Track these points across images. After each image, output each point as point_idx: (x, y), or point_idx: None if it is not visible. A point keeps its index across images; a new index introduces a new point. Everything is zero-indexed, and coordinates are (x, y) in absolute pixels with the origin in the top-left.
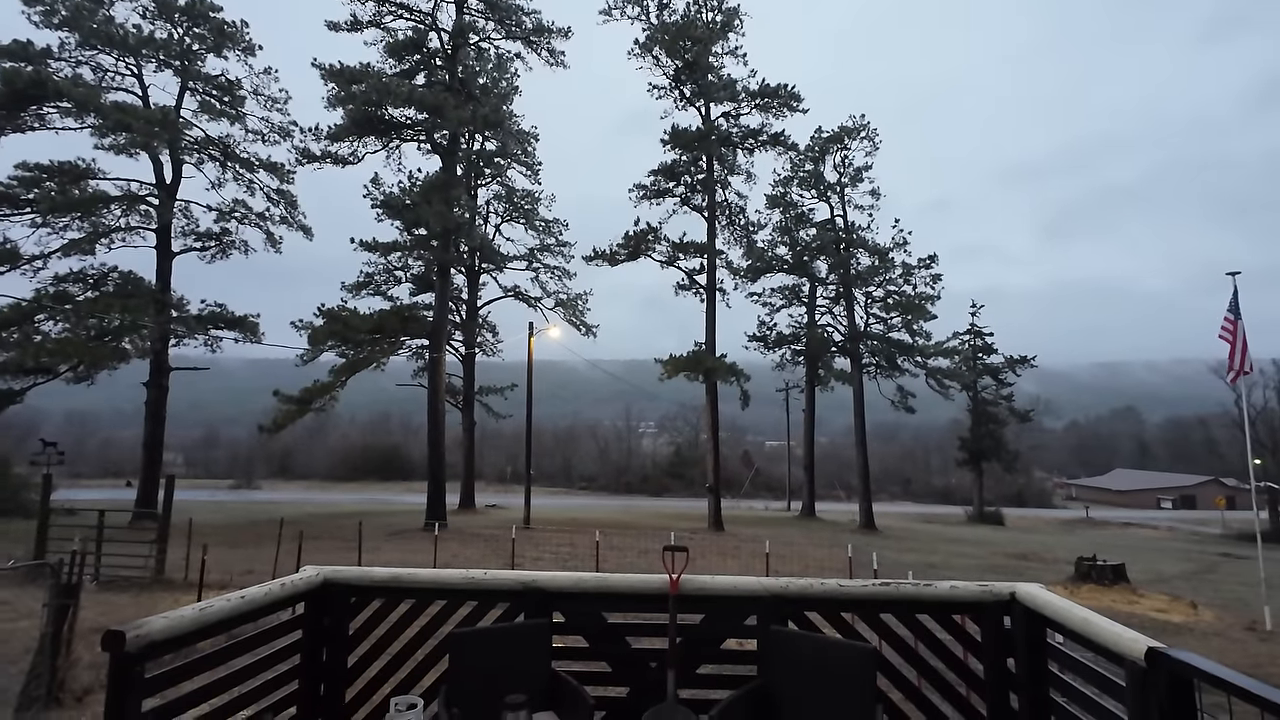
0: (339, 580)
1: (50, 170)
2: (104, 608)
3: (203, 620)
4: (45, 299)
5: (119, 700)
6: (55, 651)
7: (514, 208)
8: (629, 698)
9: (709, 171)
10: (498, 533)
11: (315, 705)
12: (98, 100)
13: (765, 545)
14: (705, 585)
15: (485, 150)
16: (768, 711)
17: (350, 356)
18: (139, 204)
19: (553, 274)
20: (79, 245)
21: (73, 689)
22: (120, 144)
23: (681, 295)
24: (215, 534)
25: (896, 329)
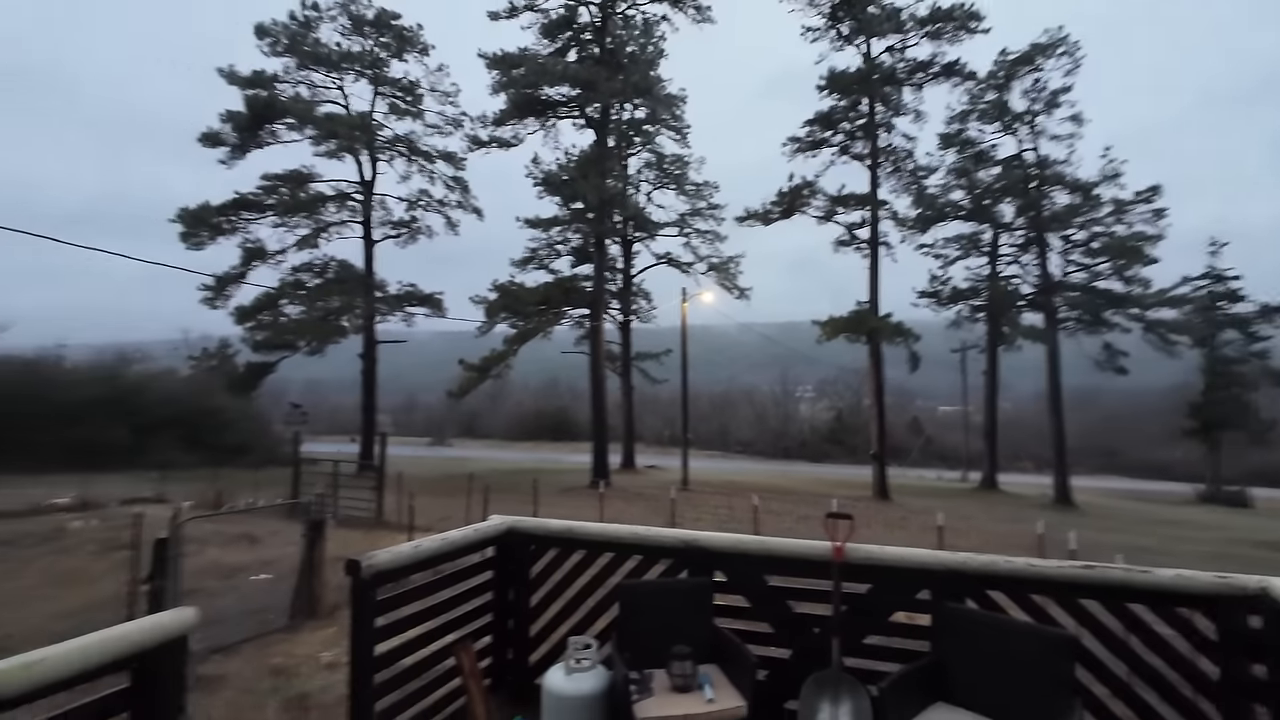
0: (521, 529)
1: (283, 178)
2: (342, 541)
3: (416, 556)
4: (286, 287)
5: (359, 615)
6: (310, 573)
7: (664, 174)
8: (791, 660)
9: (871, 115)
10: (657, 493)
11: (505, 636)
12: (312, 113)
13: (938, 517)
14: (873, 555)
15: (635, 119)
16: (942, 690)
17: (520, 327)
18: (347, 201)
19: (704, 238)
20: (307, 240)
21: (325, 604)
22: (331, 150)
23: (841, 252)
24: (418, 484)
25: (1104, 276)
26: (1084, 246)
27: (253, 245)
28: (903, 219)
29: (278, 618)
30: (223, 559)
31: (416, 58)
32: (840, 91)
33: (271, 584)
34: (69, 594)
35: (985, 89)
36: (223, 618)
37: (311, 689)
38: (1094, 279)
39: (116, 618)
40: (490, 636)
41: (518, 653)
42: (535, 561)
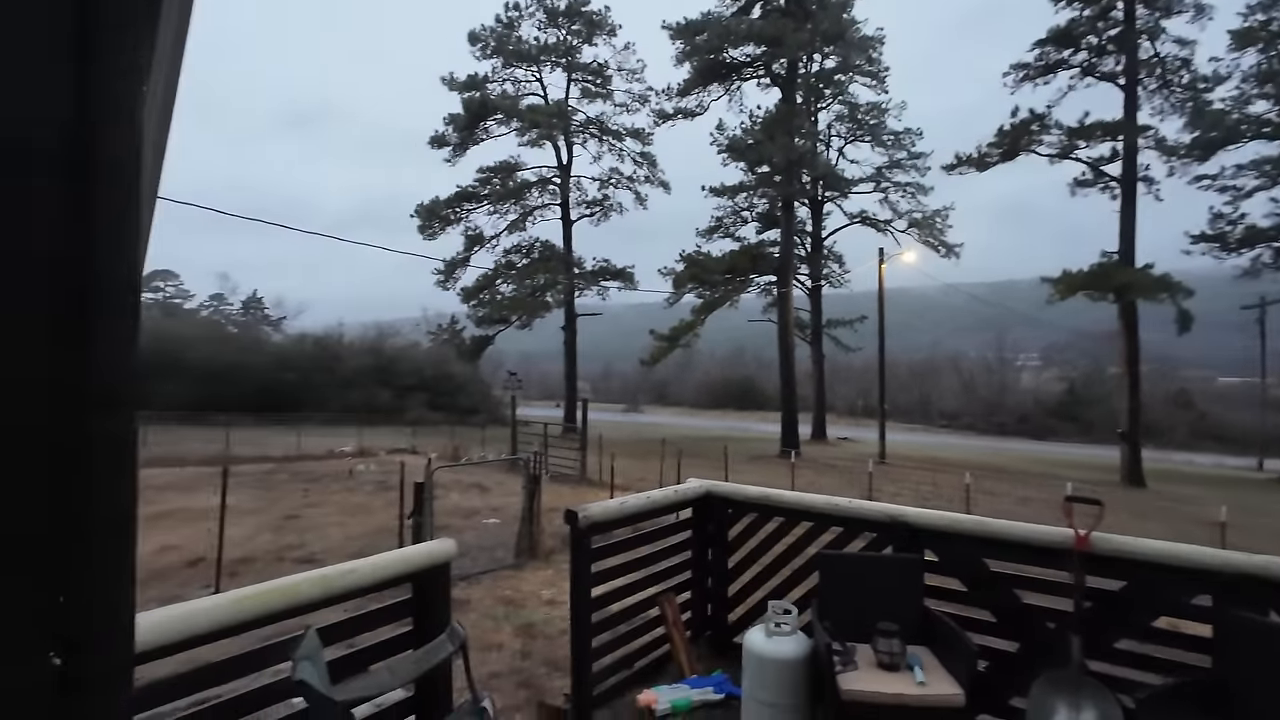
0: (718, 493)
1: (494, 170)
2: (553, 495)
3: (623, 511)
4: (500, 268)
5: (578, 559)
6: (531, 520)
7: (858, 125)
8: (1019, 654)
9: (1128, 20)
10: (851, 465)
11: (704, 594)
12: (517, 107)
13: (1219, 511)
14: (1128, 547)
15: (825, 70)
16: (1222, 712)
17: (707, 296)
18: (548, 185)
19: (904, 192)
20: (516, 224)
21: (542, 548)
22: (533, 139)
23: (1080, 195)
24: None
25: None
26: None
27: (473, 232)
28: (1172, 146)
29: (505, 556)
30: (461, 503)
31: (605, 39)
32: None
33: (499, 527)
34: (355, 522)
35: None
36: (464, 552)
37: (536, 620)
38: None
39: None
40: (690, 592)
41: (716, 610)
42: (732, 525)
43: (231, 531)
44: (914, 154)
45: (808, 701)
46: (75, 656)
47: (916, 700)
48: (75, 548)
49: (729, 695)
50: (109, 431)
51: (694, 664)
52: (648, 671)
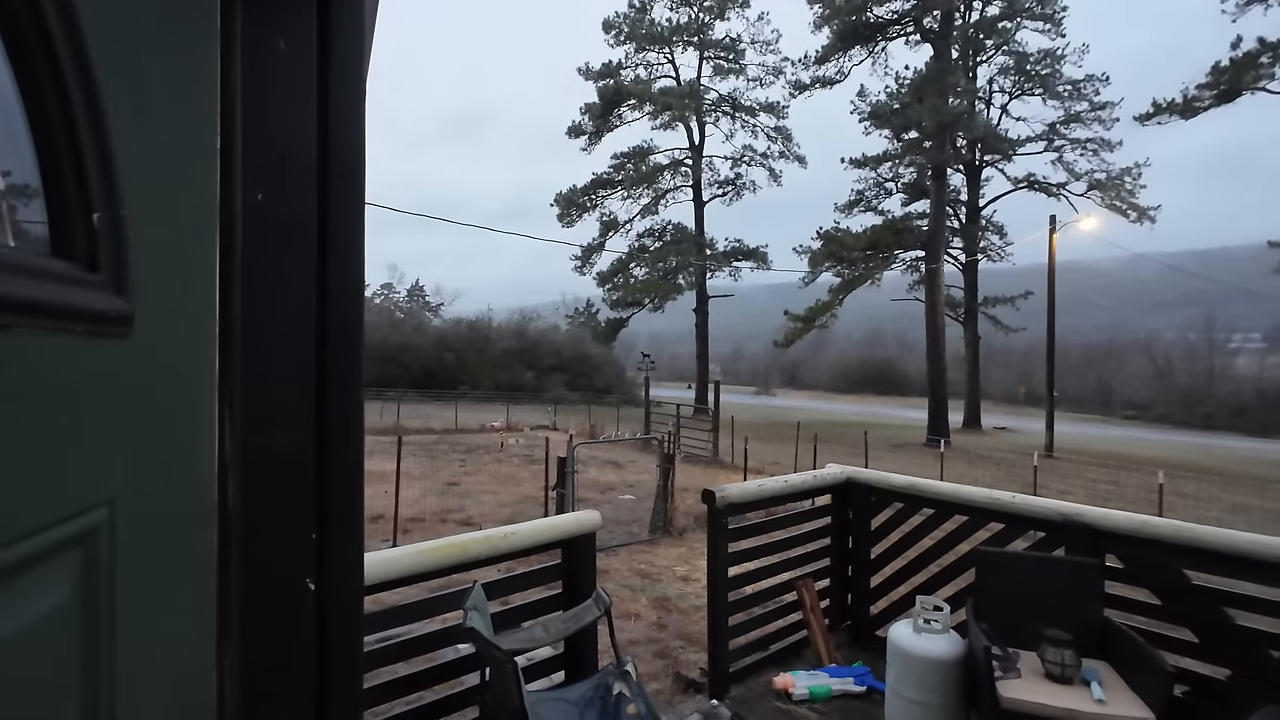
0: (860, 480)
1: (628, 155)
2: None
3: (760, 494)
4: (634, 252)
5: (715, 539)
6: (665, 498)
7: (1027, 77)
8: (1229, 682)
9: None
10: (1011, 458)
11: (845, 583)
12: (649, 91)
13: None
14: None
15: (986, 18)
16: None
17: (846, 275)
18: (680, 168)
19: (1083, 149)
20: (649, 208)
21: (676, 526)
22: (665, 121)
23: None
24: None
25: None
26: None
27: (607, 218)
28: None
29: (640, 531)
30: (599, 478)
31: (738, 12)
32: None
33: (634, 503)
34: (505, 490)
35: None
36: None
37: (671, 594)
38: None
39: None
40: (828, 580)
41: (857, 601)
42: (875, 514)
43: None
44: (1096, 105)
45: (960, 704)
46: (324, 581)
47: (1092, 718)
48: (323, 497)
49: (870, 688)
50: (345, 407)
51: (832, 653)
52: (783, 655)
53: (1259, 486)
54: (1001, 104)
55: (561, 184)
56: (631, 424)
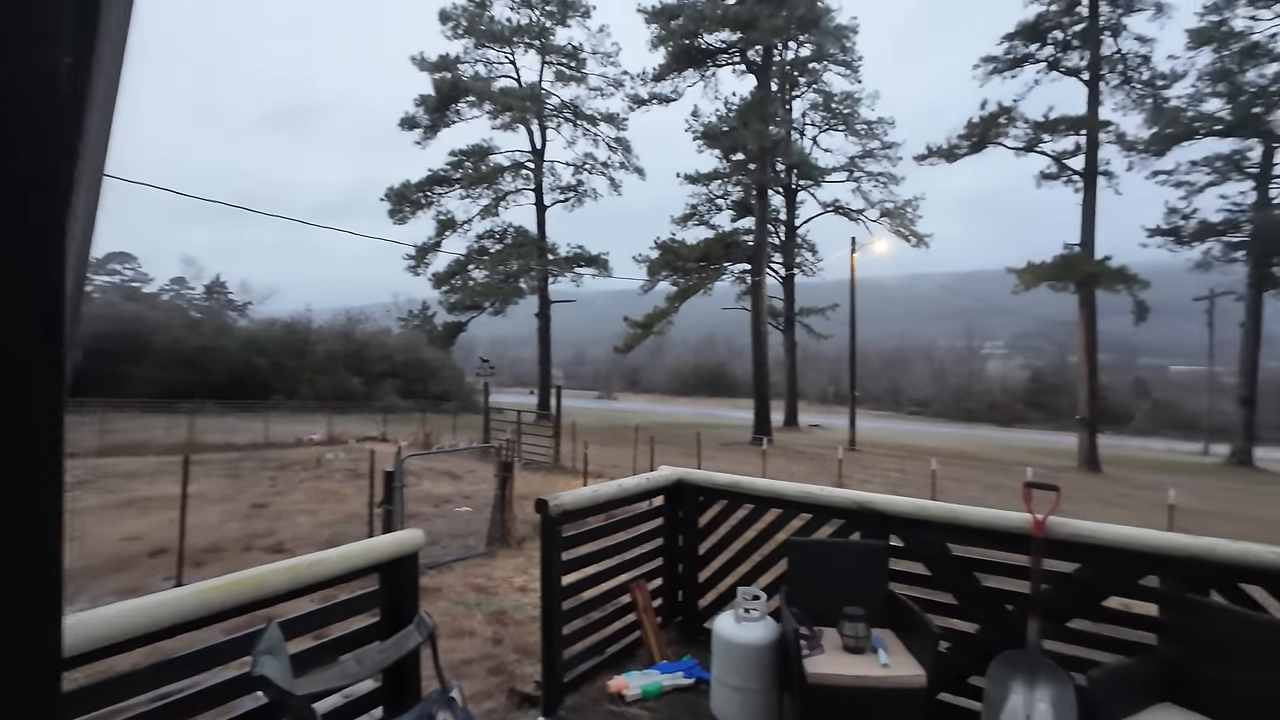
0: (690, 481)
1: (467, 153)
2: (526, 482)
3: (595, 499)
4: (473, 253)
5: (549, 548)
6: (503, 508)
7: (832, 114)
8: (978, 635)
9: (1093, 16)
10: (822, 452)
11: (675, 580)
12: (489, 90)
13: (1168, 495)
14: (1082, 531)
15: (799, 58)
16: (1172, 690)
17: (681, 284)
18: (521, 170)
19: (876, 181)
20: (489, 209)
21: (514, 535)
22: (506, 122)
23: (1045, 187)
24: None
25: None
26: None
27: (444, 217)
28: (1131, 141)
29: (477, 544)
30: (433, 490)
31: (579, 21)
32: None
33: (471, 515)
34: (325, 510)
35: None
36: (436, 540)
37: (508, 606)
38: None
39: (360, 532)
40: (660, 579)
41: (687, 596)
42: (703, 512)
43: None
44: (886, 144)
45: (775, 685)
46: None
47: (879, 681)
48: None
49: (699, 680)
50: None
51: (664, 650)
52: (619, 657)
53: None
54: (813, 136)
55: (394, 178)
56: (470, 432)
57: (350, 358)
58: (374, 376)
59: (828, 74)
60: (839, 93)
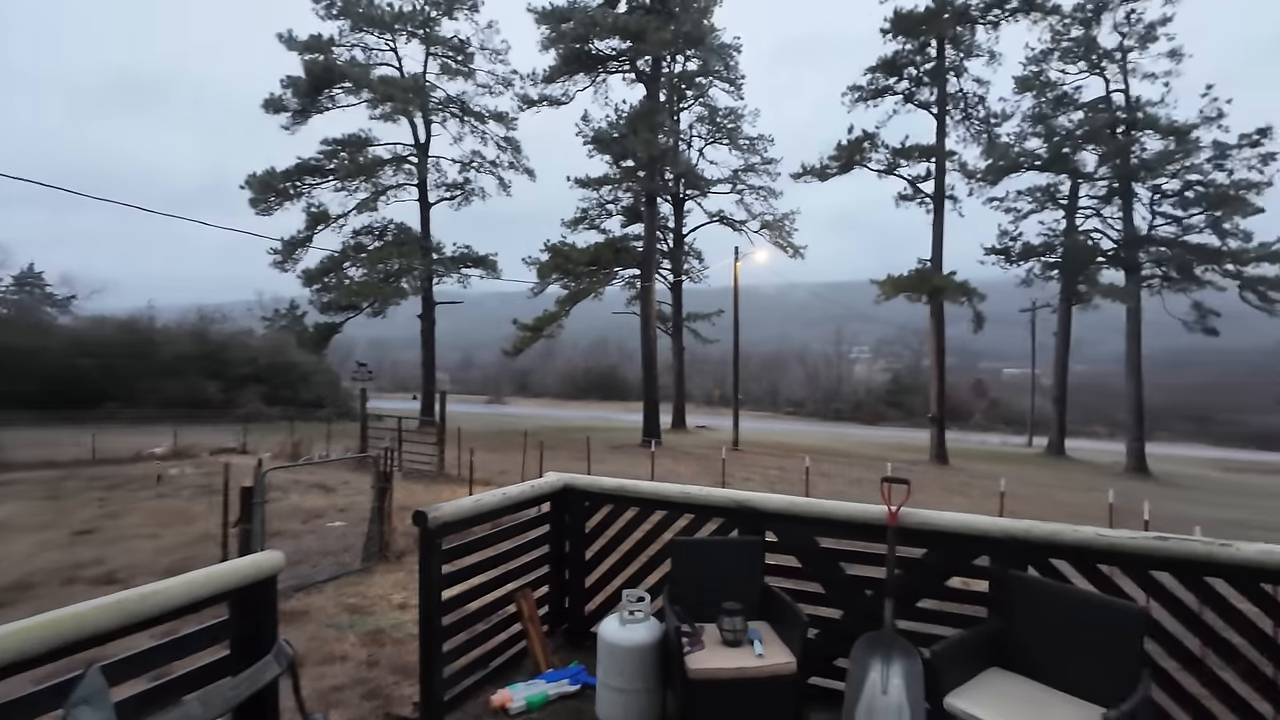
0: (576, 486)
1: (342, 143)
2: (407, 492)
3: (478, 509)
4: (349, 250)
5: (427, 561)
6: (381, 521)
7: (717, 128)
8: (842, 620)
9: (939, 58)
10: (708, 452)
11: (562, 586)
12: (368, 77)
13: (1000, 483)
14: (929, 520)
15: (687, 71)
16: (1000, 656)
17: (572, 287)
18: (403, 164)
19: (758, 195)
20: (366, 204)
21: (393, 549)
22: (386, 113)
23: (902, 208)
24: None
25: (1197, 229)
26: (1176, 196)
27: (316, 210)
28: (971, 171)
29: (352, 560)
30: (302, 505)
31: (466, 15)
32: (906, 34)
33: (346, 530)
34: (170, 532)
35: (1070, 24)
36: (304, 559)
37: (385, 625)
38: (1185, 232)
39: (212, 555)
40: (548, 586)
41: (574, 602)
42: (590, 517)
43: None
44: (766, 160)
45: (659, 684)
46: None
47: (755, 671)
48: None
49: (585, 685)
50: None
51: (550, 658)
52: (504, 670)
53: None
54: (699, 148)
55: (257, 164)
56: (346, 441)
57: (205, 360)
58: (235, 382)
59: (713, 89)
60: (724, 108)
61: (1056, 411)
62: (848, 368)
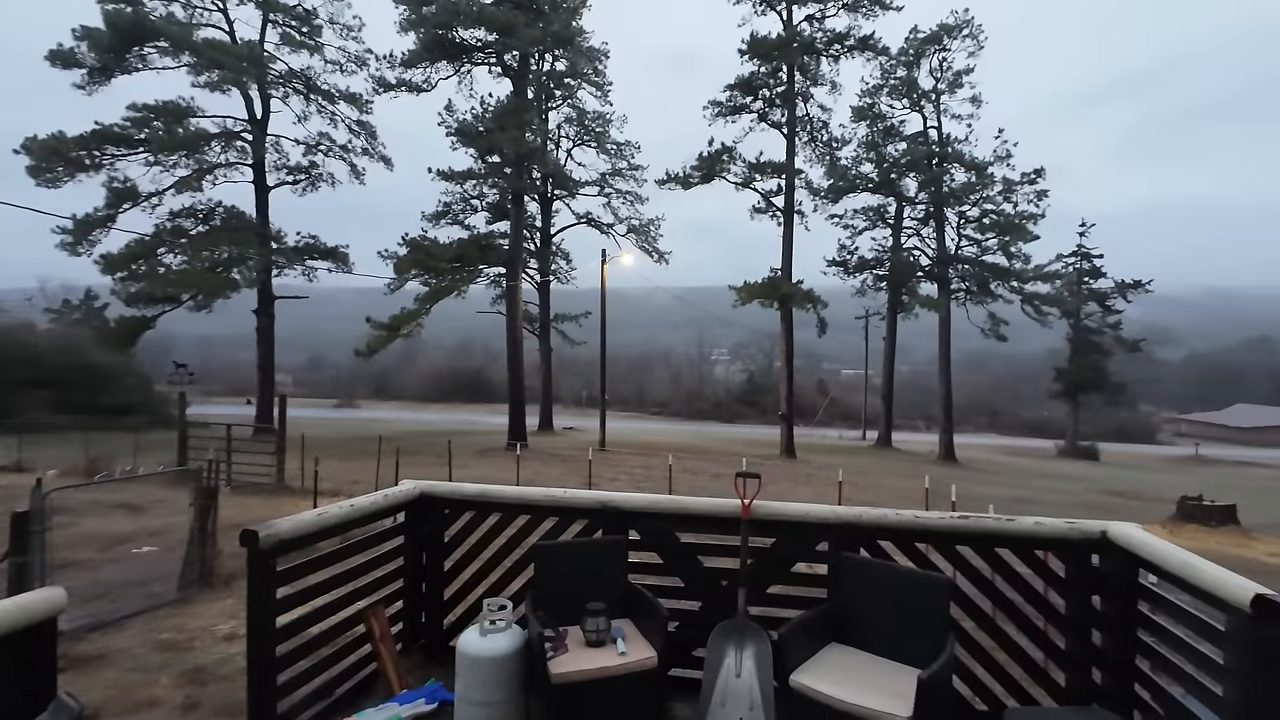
0: (434, 494)
1: (157, 110)
2: (240, 508)
3: (321, 523)
4: (165, 234)
5: (258, 587)
6: (203, 543)
7: (585, 131)
8: (701, 611)
9: (789, 83)
10: (575, 454)
11: (419, 600)
12: (190, 38)
13: (839, 474)
14: (777, 511)
15: (555, 71)
16: (837, 632)
17: (433, 285)
18: (235, 140)
19: (625, 199)
20: (188, 182)
21: (220, 574)
22: (214, 81)
23: (757, 219)
24: (325, 448)
25: (991, 251)
26: (976, 222)
27: (121, 185)
28: (816, 189)
29: (166, 590)
30: (101, 530)
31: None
32: (761, 57)
33: (159, 555)
34: None
35: (896, 65)
36: (104, 592)
37: (208, 662)
38: (983, 253)
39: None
40: (402, 602)
41: (431, 616)
42: (449, 525)
43: None
44: (633, 165)
45: (521, 693)
46: None
47: (617, 669)
48: None
49: (443, 703)
50: None
51: (405, 678)
52: (352, 696)
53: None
54: (568, 149)
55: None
56: (162, 453)
57: None
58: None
59: (582, 91)
60: (592, 111)
61: (885, 408)
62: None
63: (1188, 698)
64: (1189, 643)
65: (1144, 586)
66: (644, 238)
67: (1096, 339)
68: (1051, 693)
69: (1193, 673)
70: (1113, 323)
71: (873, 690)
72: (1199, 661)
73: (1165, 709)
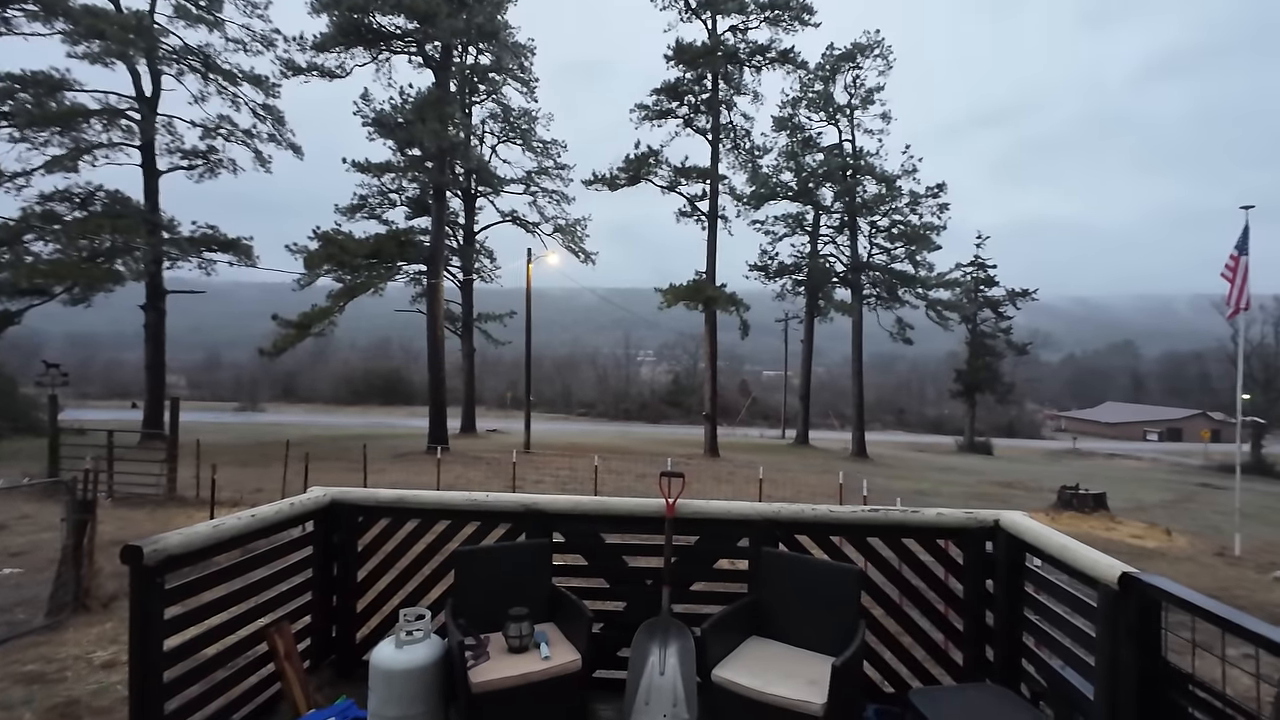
0: (346, 500)
1: (25, 80)
2: (122, 523)
3: (217, 536)
4: (33, 218)
5: (141, 608)
6: (78, 562)
7: (510, 127)
8: (625, 611)
9: (714, 91)
10: (499, 456)
11: (329, 615)
12: (65, 2)
13: (759, 471)
14: (700, 509)
15: (480, 65)
16: (757, 625)
17: (347, 281)
18: (120, 118)
19: (551, 198)
20: (61, 162)
21: (98, 596)
22: (94, 52)
23: (683, 223)
24: (223, 454)
25: (899, 260)
26: (886, 232)
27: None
28: (739, 195)
29: (32, 616)
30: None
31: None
32: (686, 63)
33: (24, 577)
34: None
35: (814, 79)
36: None
37: (82, 693)
38: (892, 261)
39: None
40: (311, 616)
41: (343, 630)
42: (363, 534)
43: None
44: (560, 164)
45: (441, 705)
46: None
47: (541, 675)
48: None
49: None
50: None
51: (313, 697)
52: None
53: (651, 459)
54: (492, 145)
55: None
56: (28, 463)
57: None
58: None
59: (507, 87)
60: (517, 108)
61: (803, 408)
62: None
63: (1065, 669)
64: (1066, 618)
65: (1029, 569)
66: (570, 238)
67: (990, 342)
68: (951, 672)
69: (1070, 645)
70: (1004, 328)
71: (790, 680)
72: (1074, 635)
73: (1048, 680)
